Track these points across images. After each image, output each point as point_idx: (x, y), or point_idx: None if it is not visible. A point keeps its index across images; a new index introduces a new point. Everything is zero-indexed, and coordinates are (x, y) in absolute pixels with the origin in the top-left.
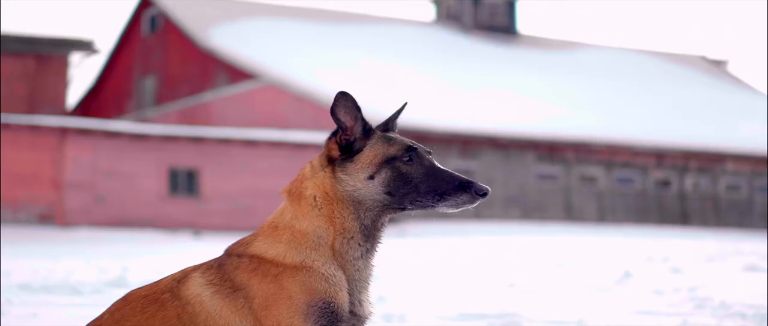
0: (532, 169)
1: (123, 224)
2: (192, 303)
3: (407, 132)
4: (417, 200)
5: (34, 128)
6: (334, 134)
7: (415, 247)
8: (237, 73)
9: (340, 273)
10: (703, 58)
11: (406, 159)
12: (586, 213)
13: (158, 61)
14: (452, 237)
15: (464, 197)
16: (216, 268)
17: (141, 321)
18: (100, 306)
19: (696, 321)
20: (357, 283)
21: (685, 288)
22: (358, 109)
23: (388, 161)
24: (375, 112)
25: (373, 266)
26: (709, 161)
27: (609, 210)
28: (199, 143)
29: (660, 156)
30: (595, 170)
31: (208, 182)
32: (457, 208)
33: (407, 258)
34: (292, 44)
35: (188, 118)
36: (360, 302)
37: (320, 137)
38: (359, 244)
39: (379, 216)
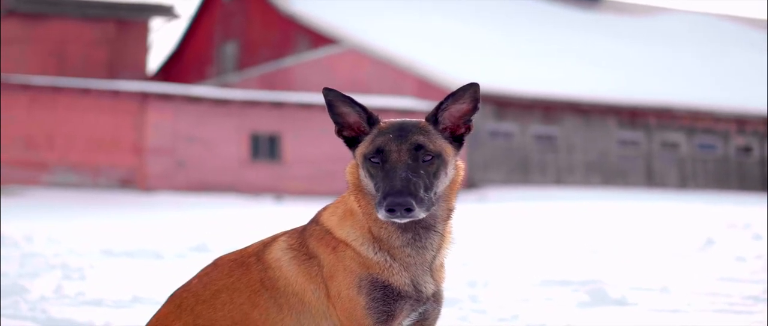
0: (614, 135)
1: (204, 189)
2: (273, 268)
3: (489, 97)
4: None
5: (115, 94)
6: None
7: (496, 212)
8: (318, 38)
9: (382, 255)
10: None
11: (374, 161)
12: (668, 179)
13: (239, 26)
14: (533, 203)
15: (381, 212)
16: (299, 233)
17: (227, 285)
18: (182, 271)
19: None
20: (413, 268)
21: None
22: (352, 102)
23: (364, 160)
24: (453, 76)
25: (434, 252)
26: None
27: (690, 176)
28: (280, 108)
29: (741, 122)
30: (677, 136)
31: (289, 147)
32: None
33: (488, 223)
34: (373, 9)
35: (269, 83)
36: (424, 282)
37: (401, 102)
38: (399, 234)
39: None
